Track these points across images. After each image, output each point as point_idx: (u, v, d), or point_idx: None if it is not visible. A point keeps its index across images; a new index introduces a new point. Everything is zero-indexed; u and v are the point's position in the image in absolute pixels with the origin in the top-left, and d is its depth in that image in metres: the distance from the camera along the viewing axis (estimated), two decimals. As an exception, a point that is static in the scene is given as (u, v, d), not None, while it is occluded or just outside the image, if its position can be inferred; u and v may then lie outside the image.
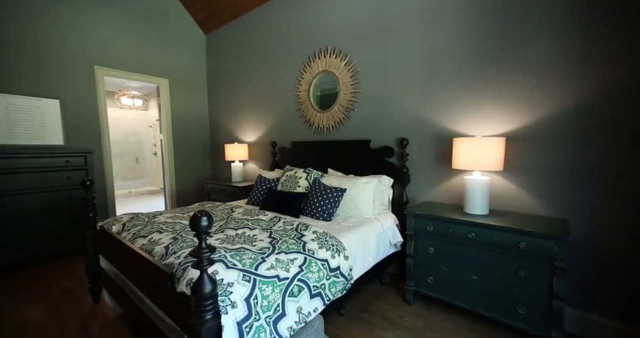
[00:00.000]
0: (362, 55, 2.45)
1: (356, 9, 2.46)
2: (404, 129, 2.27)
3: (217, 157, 4.23)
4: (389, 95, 2.33)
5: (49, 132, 2.83)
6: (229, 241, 1.46)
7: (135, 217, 1.91)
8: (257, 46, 3.42)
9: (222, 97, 4.01)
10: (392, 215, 2.19)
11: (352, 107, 2.55)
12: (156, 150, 6.62)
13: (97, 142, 3.20)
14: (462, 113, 1.97)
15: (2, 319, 1.79)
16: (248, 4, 3.35)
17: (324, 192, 2.12)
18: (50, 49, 2.84)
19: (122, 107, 6.44)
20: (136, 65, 3.47)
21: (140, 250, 1.37)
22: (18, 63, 2.66)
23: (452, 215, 1.71)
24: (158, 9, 3.59)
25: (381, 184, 2.17)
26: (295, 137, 3.09)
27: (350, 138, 2.61)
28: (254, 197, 2.57)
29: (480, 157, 1.66)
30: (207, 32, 4.05)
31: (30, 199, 2.50)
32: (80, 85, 3.05)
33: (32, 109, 2.73)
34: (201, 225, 0.87)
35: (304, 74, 2.89)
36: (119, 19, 3.28)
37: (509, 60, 1.76)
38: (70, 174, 2.71)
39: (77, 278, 2.31)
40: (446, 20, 1.99)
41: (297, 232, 1.63)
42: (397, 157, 2.31)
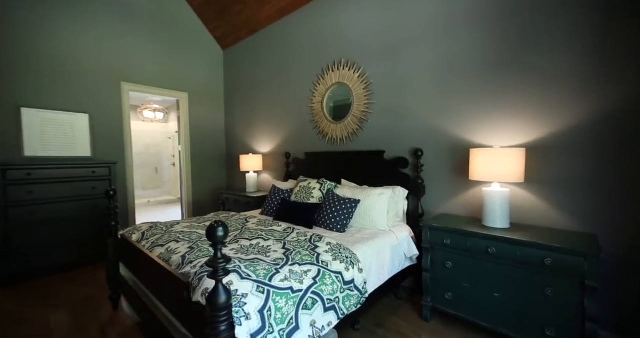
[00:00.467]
0: (375, 66, 2.48)
1: (369, 22, 2.51)
2: (418, 140, 2.25)
3: (232, 168, 4.33)
4: (403, 106, 2.33)
5: (78, 144, 3.00)
6: (244, 251, 1.47)
7: (154, 226, 1.96)
8: (271, 60, 3.54)
9: (238, 109, 4.14)
10: (407, 227, 2.15)
11: (365, 118, 2.57)
12: (174, 161, 6.85)
13: (120, 153, 3.35)
14: (479, 123, 1.94)
15: (32, 323, 1.86)
16: (263, 21, 3.50)
17: (338, 203, 2.11)
18: (82, 66, 3.05)
19: (144, 120, 6.75)
20: (158, 80, 3.65)
21: (158, 259, 1.40)
22: (52, 80, 2.87)
23: (471, 228, 1.65)
24: (180, 27, 3.81)
25: (395, 195, 2.14)
26: (308, 148, 3.13)
27: (363, 149, 2.61)
28: (268, 207, 2.59)
29: (499, 169, 1.62)
30: (225, 47, 4.24)
31: (58, 208, 2.63)
32: (107, 100, 3.24)
33: (63, 123, 2.91)
34: (217, 236, 0.88)
35: (317, 86, 2.95)
36: (144, 37, 3.50)
37: (526, 69, 1.73)
38: (95, 184, 2.84)
39: (98, 286, 2.38)
40: (459, 30, 2.00)
41: (311, 243, 1.62)
42: (411, 168, 2.28)
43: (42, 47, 2.79)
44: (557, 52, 1.62)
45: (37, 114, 2.76)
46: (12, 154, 2.64)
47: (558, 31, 1.62)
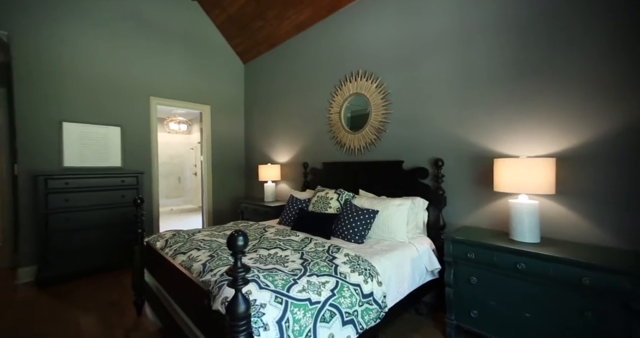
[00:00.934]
0: (392, 77, 2.49)
1: (386, 33, 2.54)
2: (438, 150, 2.20)
3: (251, 177, 4.42)
4: (422, 115, 2.30)
5: (110, 155, 3.20)
6: (262, 261, 1.49)
7: (177, 234, 2.03)
8: (290, 72, 3.64)
9: (257, 121, 4.26)
10: (428, 240, 2.08)
11: (383, 128, 2.56)
12: (196, 171, 7.11)
13: (147, 163, 3.53)
14: (502, 133, 1.87)
15: (64, 324, 1.96)
16: (282, 36, 3.63)
17: (356, 214, 2.09)
18: (115, 83, 3.29)
19: (169, 132, 7.11)
20: (183, 94, 3.86)
21: (180, 266, 1.44)
22: (89, 96, 3.11)
23: (497, 242, 1.57)
24: (204, 43, 4.03)
25: (415, 206, 2.09)
26: (326, 158, 3.15)
27: (381, 159, 2.59)
28: (286, 217, 2.61)
29: (527, 180, 1.54)
30: (246, 62, 4.43)
31: (91, 215, 2.79)
32: (137, 113, 3.46)
33: (98, 136, 3.13)
34: (237, 245, 0.90)
35: (335, 97, 3.00)
36: (172, 54, 3.73)
37: (553, 76, 1.67)
38: (124, 193, 3.00)
39: (124, 291, 2.47)
40: (477, 39, 1.97)
41: (329, 254, 1.61)
42: (431, 179, 2.23)
43: (81, 66, 3.04)
44: (587, 59, 1.56)
45: (76, 127, 2.98)
46: (53, 164, 2.86)
47: (587, 37, 1.56)
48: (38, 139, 2.78)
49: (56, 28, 2.88)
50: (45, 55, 2.82)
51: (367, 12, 2.69)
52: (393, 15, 2.48)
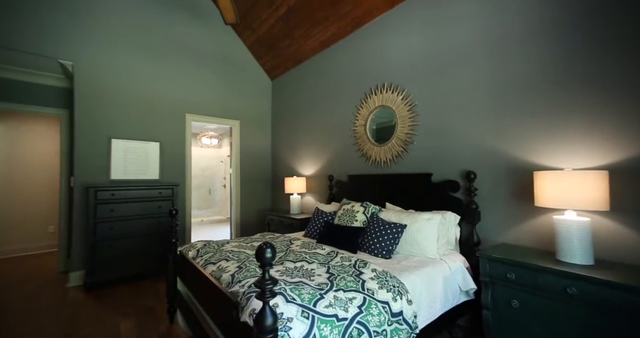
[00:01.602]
0: (419, 88, 2.47)
1: (412, 45, 2.54)
2: (470, 162, 2.11)
3: (277, 190, 4.51)
4: (451, 127, 2.24)
5: (149, 168, 3.46)
6: (288, 274, 1.49)
7: (207, 244, 2.11)
8: (315, 87, 3.74)
9: (283, 134, 4.39)
10: (461, 257, 1.96)
11: (410, 140, 2.51)
12: (225, 183, 7.41)
13: (181, 176, 3.75)
14: (542, 143, 1.76)
15: (105, 327, 2.10)
16: (309, 53, 3.77)
17: (383, 228, 2.04)
18: (156, 102, 3.58)
19: (202, 146, 7.54)
20: (215, 110, 4.10)
21: (210, 276, 1.49)
22: (134, 114, 3.41)
23: (542, 263, 1.44)
24: (235, 63, 4.29)
25: (446, 221, 2.00)
26: (352, 170, 3.14)
27: (409, 171, 2.53)
28: (311, 229, 2.61)
29: (575, 194, 1.40)
30: (273, 78, 4.64)
31: (131, 225, 3.01)
32: (174, 130, 3.72)
33: (140, 150, 3.41)
34: (266, 257, 0.92)
35: (360, 110, 3.02)
36: (206, 74, 4.01)
37: (602, 83, 1.55)
38: (161, 204, 3.21)
39: (159, 298, 2.60)
40: (513, 46, 1.90)
41: (355, 268, 1.57)
42: (463, 192, 2.13)
43: (127, 88, 3.37)
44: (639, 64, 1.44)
45: (122, 143, 3.28)
46: (102, 177, 3.15)
47: (637, 40, 1.44)
48: (91, 154, 3.09)
49: (108, 56, 3.25)
50: (98, 80, 3.17)
51: (391, 26, 2.72)
52: (419, 27, 2.48)
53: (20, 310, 2.39)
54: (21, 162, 4.25)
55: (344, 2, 2.88)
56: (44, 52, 2.87)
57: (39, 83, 3.46)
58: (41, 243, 4.38)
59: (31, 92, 3.42)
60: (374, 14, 2.85)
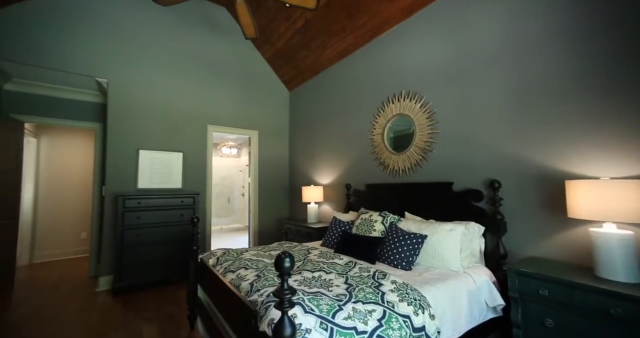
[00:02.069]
0: (438, 95, 2.43)
1: (430, 52, 2.53)
2: (494, 170, 2.03)
3: (294, 198, 4.54)
4: (473, 134, 2.18)
5: (172, 177, 3.61)
6: (306, 283, 1.48)
7: (227, 252, 2.15)
8: (332, 96, 3.79)
9: (301, 143, 4.45)
10: (487, 270, 1.86)
11: (429, 148, 2.47)
12: (244, 192, 7.56)
13: (202, 185, 3.88)
14: (573, 151, 1.66)
15: (130, 332, 2.17)
16: (325, 63, 3.85)
17: (402, 238, 1.99)
18: (180, 114, 3.76)
19: (221, 156, 7.78)
20: (235, 120, 4.24)
21: (230, 285, 1.51)
22: (160, 126, 3.60)
23: (580, 279, 1.33)
24: (254, 75, 4.44)
25: (469, 232, 1.92)
26: (369, 179, 3.11)
27: (428, 180, 2.47)
28: (329, 239, 2.59)
29: (615, 205, 1.30)
30: (291, 89, 4.75)
31: (155, 232, 3.13)
32: (196, 140, 3.88)
33: (164, 160, 3.57)
34: (284, 266, 0.92)
35: (377, 118, 3.01)
36: (227, 86, 4.17)
37: (636, 85, 1.46)
38: (183, 212, 3.32)
39: (180, 304, 2.65)
40: (538, 51, 1.84)
41: (374, 280, 1.54)
42: (487, 202, 2.04)
43: (153, 101, 3.57)
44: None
45: (149, 154, 3.46)
46: (130, 186, 3.32)
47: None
48: (121, 164, 3.28)
49: (137, 72, 3.47)
50: (129, 95, 3.39)
51: (409, 34, 2.73)
52: (437, 35, 2.47)
53: (55, 312, 2.53)
54: (60, 172, 4.58)
55: (361, 13, 2.93)
56: (83, 71, 3.12)
57: (78, 99, 3.75)
58: (74, 249, 4.64)
59: (70, 107, 3.71)
60: (391, 24, 2.87)
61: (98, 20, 3.21)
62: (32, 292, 3.06)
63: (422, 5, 2.57)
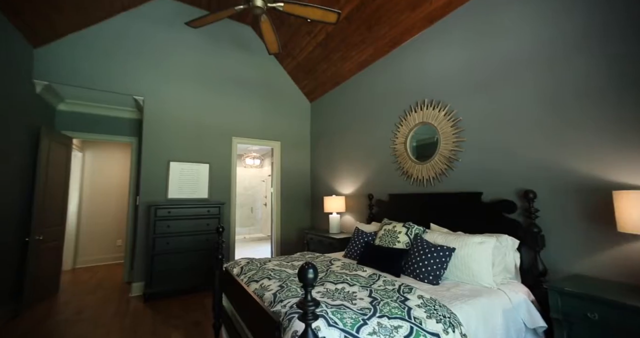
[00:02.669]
0: (464, 103, 2.37)
1: (453, 60, 2.48)
2: (527, 180, 1.91)
3: (316, 208, 4.54)
4: (503, 142, 2.08)
5: (199, 188, 3.76)
6: (329, 295, 1.46)
7: (250, 261, 2.18)
8: (353, 107, 3.81)
9: (322, 154, 4.48)
10: (524, 288, 1.73)
11: (455, 157, 2.38)
12: (266, 202, 7.69)
13: (227, 195, 4.00)
14: (622, 159, 1.52)
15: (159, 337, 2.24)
16: (346, 74, 3.90)
17: (428, 250, 1.91)
18: (207, 127, 3.95)
19: (245, 166, 8.02)
20: (258, 132, 4.38)
21: (254, 294, 1.52)
22: (189, 139, 3.80)
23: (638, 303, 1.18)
24: (276, 88, 4.59)
25: (502, 245, 1.80)
26: (392, 189, 3.05)
27: (455, 190, 2.37)
28: (352, 250, 2.55)
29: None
30: (312, 100, 4.84)
31: (183, 240, 3.26)
32: (222, 152, 4.04)
33: (192, 171, 3.75)
34: (308, 277, 0.91)
35: (400, 128, 2.97)
36: (251, 99, 4.34)
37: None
38: (209, 221, 3.43)
39: (206, 312, 2.72)
40: (573, 52, 1.74)
41: (400, 294, 1.48)
42: (521, 213, 1.92)
43: (183, 115, 3.79)
44: None
45: (179, 165, 3.65)
46: (161, 196, 3.51)
47: None
48: (153, 175, 3.49)
49: (169, 89, 3.73)
50: (161, 110, 3.64)
51: (431, 42, 2.71)
52: (461, 42, 2.43)
53: (94, 315, 2.71)
54: (100, 183, 4.96)
55: (381, 24, 2.96)
56: (123, 91, 3.41)
57: (117, 116, 4.09)
58: (111, 255, 4.94)
59: (111, 123, 4.05)
60: (412, 33, 2.87)
61: (136, 43, 3.52)
62: (74, 294, 3.29)
63: (444, 13, 2.55)
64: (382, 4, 2.75)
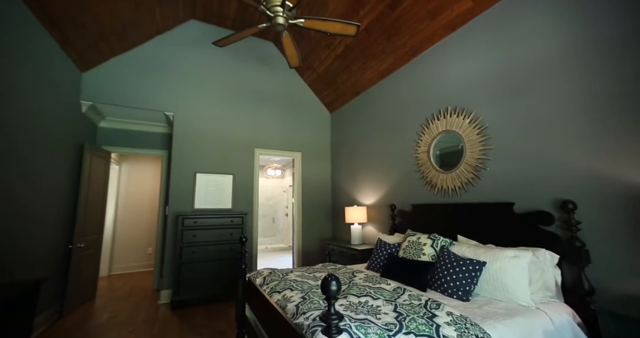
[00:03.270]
0: (490, 110, 2.28)
1: (478, 65, 2.42)
2: (566, 189, 1.78)
3: (337, 219, 4.50)
4: (536, 150, 1.96)
5: (223, 198, 3.88)
6: (353, 309, 1.42)
7: (273, 272, 2.19)
8: (374, 116, 3.80)
9: (343, 164, 4.47)
10: (567, 308, 1.58)
11: (482, 166, 2.28)
12: (287, 212, 7.74)
13: (249, 205, 4.08)
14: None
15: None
16: (366, 84, 3.92)
17: (456, 264, 1.81)
18: (231, 140, 4.10)
19: (267, 177, 8.18)
20: (280, 143, 4.47)
21: (276, 305, 1.52)
22: (213, 151, 3.96)
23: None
24: (297, 99, 4.70)
25: (539, 260, 1.67)
26: (415, 199, 2.96)
27: (483, 200, 2.26)
28: (374, 262, 2.48)
29: None
30: (332, 111, 4.89)
31: (208, 249, 3.35)
32: (245, 163, 4.16)
33: (217, 183, 3.88)
34: (331, 290, 0.90)
35: (422, 136, 2.91)
36: (272, 111, 4.46)
37: None
38: (232, 231, 3.51)
39: (229, 322, 2.74)
40: (611, 52, 1.64)
41: (427, 309, 1.41)
42: (559, 226, 1.78)
43: (208, 129, 3.96)
44: None
45: (204, 176, 3.80)
46: (188, 206, 3.66)
47: None
48: (181, 186, 3.66)
49: (196, 104, 3.94)
50: (189, 124, 3.84)
51: (453, 49, 2.67)
52: (485, 48, 2.37)
53: (127, 320, 2.84)
54: (133, 194, 5.28)
55: (400, 34, 2.97)
56: (156, 107, 3.66)
57: (149, 131, 4.38)
58: (142, 263, 5.19)
59: (144, 138, 4.34)
60: (434, 41, 2.84)
61: (168, 63, 3.78)
62: (110, 300, 3.47)
63: (466, 20, 2.51)
64: (401, 14, 2.77)
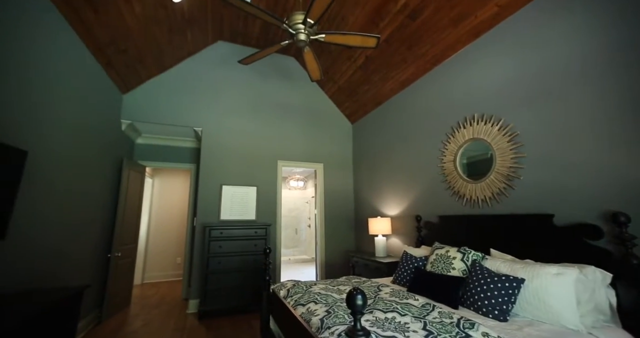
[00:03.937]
0: (521, 116, 2.17)
1: (505, 71, 2.33)
2: (615, 200, 1.62)
3: (360, 230, 4.41)
4: (575, 157, 1.83)
5: (248, 210, 3.97)
6: (379, 325, 1.36)
7: (296, 284, 2.17)
8: (396, 126, 3.75)
9: (365, 174, 4.42)
10: (626, 334, 1.40)
11: (515, 174, 2.15)
12: (310, 223, 7.73)
13: (273, 217, 4.13)
14: None
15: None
16: (388, 94, 3.90)
17: (490, 280, 1.69)
18: (254, 152, 4.22)
19: (289, 189, 8.28)
20: (302, 155, 4.53)
21: (301, 319, 1.50)
22: (238, 164, 4.08)
23: None
24: (318, 111, 4.77)
25: (588, 279, 1.51)
26: (442, 210, 2.84)
27: (517, 212, 2.11)
28: (400, 276, 2.38)
29: None
30: (354, 121, 4.90)
31: (234, 260, 3.41)
32: (268, 175, 4.25)
33: (241, 194, 3.98)
34: (357, 304, 0.88)
35: (447, 145, 2.82)
36: (295, 123, 4.56)
37: None
38: (256, 242, 3.56)
39: (254, 334, 2.74)
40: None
41: (460, 329, 1.32)
42: (609, 240, 1.61)
43: (233, 142, 4.12)
44: None
45: (229, 189, 3.93)
46: (214, 217, 3.78)
47: None
48: (208, 198, 3.80)
49: (222, 118, 4.12)
50: (215, 138, 4.02)
51: (477, 56, 2.60)
52: (512, 53, 2.28)
53: (158, 328, 2.93)
54: (165, 206, 5.56)
55: (421, 43, 2.96)
56: (186, 124, 3.89)
57: (180, 146, 4.64)
58: (172, 272, 5.39)
59: (175, 152, 4.60)
60: (457, 48, 2.80)
61: (197, 82, 4.04)
62: (143, 308, 3.62)
63: (491, 25, 2.45)
64: (422, 24, 2.77)
